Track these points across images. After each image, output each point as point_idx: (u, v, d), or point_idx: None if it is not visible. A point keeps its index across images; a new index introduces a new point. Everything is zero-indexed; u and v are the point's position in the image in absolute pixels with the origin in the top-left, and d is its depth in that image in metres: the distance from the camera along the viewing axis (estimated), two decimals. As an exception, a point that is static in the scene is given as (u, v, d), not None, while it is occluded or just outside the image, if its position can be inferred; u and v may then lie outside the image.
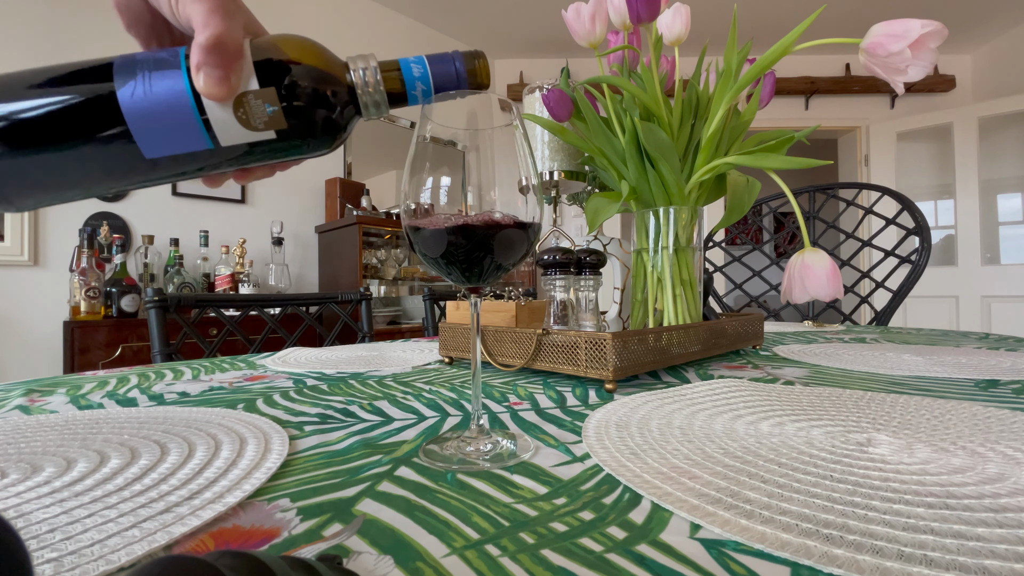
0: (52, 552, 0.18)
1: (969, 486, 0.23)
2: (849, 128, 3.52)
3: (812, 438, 0.31)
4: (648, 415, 0.37)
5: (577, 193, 0.81)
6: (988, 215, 3.14)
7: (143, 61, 0.25)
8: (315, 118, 0.28)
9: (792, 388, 0.46)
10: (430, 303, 1.32)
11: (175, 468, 0.27)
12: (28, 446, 0.32)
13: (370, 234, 2.47)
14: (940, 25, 0.44)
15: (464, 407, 0.42)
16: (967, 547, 0.18)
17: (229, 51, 0.25)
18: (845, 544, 0.18)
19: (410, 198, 0.29)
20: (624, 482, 0.25)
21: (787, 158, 0.53)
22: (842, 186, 1.49)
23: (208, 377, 0.58)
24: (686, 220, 0.62)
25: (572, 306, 0.57)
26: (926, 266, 1.28)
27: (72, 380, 0.57)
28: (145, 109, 0.24)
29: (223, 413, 0.39)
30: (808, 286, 0.50)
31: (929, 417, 0.35)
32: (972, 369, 0.55)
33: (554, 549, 0.19)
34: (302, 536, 0.20)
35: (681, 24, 0.62)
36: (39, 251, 1.81)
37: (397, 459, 0.29)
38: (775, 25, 3.11)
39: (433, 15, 3.02)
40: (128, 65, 0.24)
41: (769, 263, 1.52)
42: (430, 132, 0.29)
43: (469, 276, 0.30)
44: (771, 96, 0.66)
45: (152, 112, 0.25)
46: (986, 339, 0.85)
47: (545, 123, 0.68)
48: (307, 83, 0.27)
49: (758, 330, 0.73)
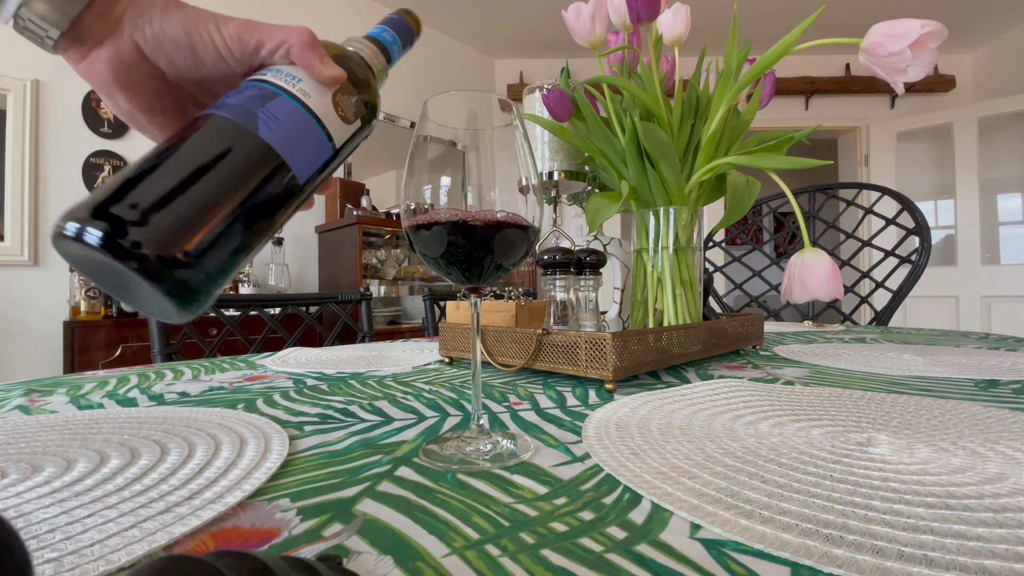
0: (52, 552, 0.18)
1: (969, 486, 0.23)
2: (849, 128, 3.52)
3: (812, 438, 0.31)
4: (648, 415, 0.37)
5: (577, 193, 0.81)
6: (988, 215, 3.14)
7: (241, 104, 0.25)
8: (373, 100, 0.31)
9: (792, 388, 0.46)
10: (430, 303, 1.32)
11: (175, 468, 0.27)
12: (28, 446, 0.32)
13: (370, 234, 2.48)
14: (940, 25, 0.44)
15: (464, 407, 0.42)
16: (967, 547, 0.18)
17: (319, 45, 0.28)
18: (845, 544, 0.18)
19: (410, 198, 0.29)
20: (624, 482, 0.25)
21: (787, 158, 0.53)
22: (842, 186, 1.49)
23: (208, 377, 0.58)
24: (686, 220, 0.62)
25: (572, 306, 0.57)
26: (926, 266, 1.28)
27: (72, 380, 0.57)
28: (285, 137, 0.26)
29: (223, 413, 0.39)
30: (808, 286, 0.50)
31: (929, 417, 0.35)
32: (972, 369, 0.55)
33: (554, 549, 0.19)
34: (302, 536, 0.20)
35: (681, 24, 0.62)
36: (39, 251, 1.81)
37: (397, 459, 0.29)
38: (775, 25, 3.11)
39: (433, 15, 3.02)
40: (237, 111, 0.25)
41: (769, 263, 1.52)
42: (430, 132, 0.29)
43: (469, 276, 0.30)
44: (771, 96, 0.66)
45: (290, 136, 0.26)
46: (986, 339, 0.85)
47: (545, 123, 0.68)
48: (357, 70, 0.31)
49: (758, 330, 0.73)
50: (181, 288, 0.21)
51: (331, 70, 0.28)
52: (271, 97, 0.26)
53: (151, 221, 0.21)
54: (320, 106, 0.27)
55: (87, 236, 0.20)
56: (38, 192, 1.81)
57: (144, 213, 0.21)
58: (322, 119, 0.27)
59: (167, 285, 0.21)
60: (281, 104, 0.26)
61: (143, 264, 0.20)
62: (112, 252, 0.20)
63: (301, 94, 0.27)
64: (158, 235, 0.21)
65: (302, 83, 0.27)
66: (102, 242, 0.20)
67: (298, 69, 0.28)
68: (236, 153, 0.24)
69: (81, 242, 0.20)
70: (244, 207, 0.24)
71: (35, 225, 1.80)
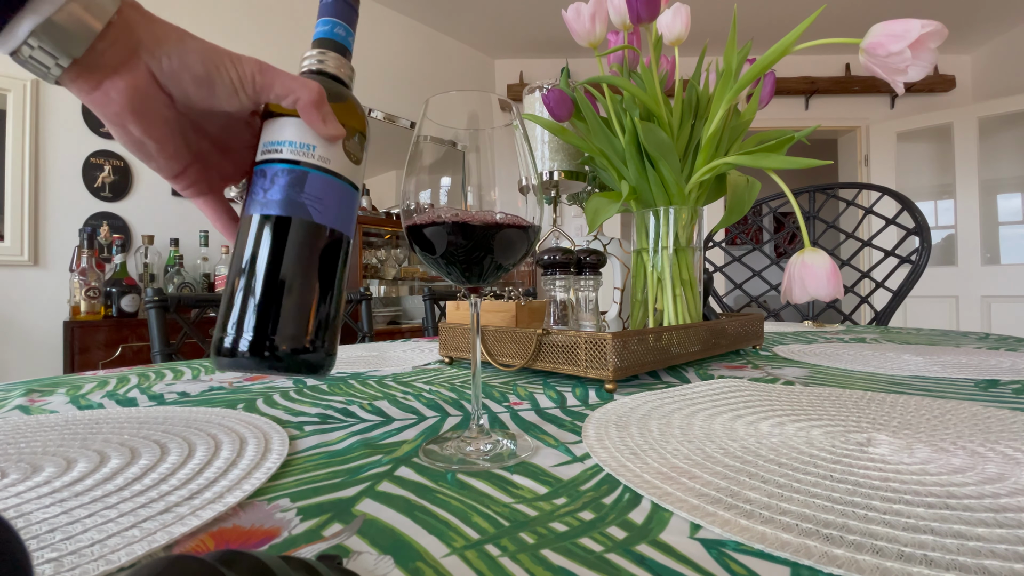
0: (52, 552, 0.18)
1: (969, 486, 0.23)
2: (849, 128, 3.52)
3: (812, 438, 0.31)
4: (648, 415, 0.37)
5: (577, 193, 0.81)
6: (988, 215, 3.14)
7: (285, 198, 0.28)
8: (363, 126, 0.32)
9: (792, 388, 0.46)
10: (430, 303, 1.32)
11: (175, 468, 0.27)
12: (28, 446, 0.32)
13: (370, 234, 2.48)
14: (940, 25, 0.44)
15: (464, 407, 0.42)
16: (967, 547, 0.18)
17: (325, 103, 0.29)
18: (845, 544, 0.18)
19: (410, 198, 0.29)
20: (624, 482, 0.25)
21: (787, 158, 0.53)
22: (842, 186, 1.49)
23: (208, 377, 0.58)
24: (686, 220, 0.62)
25: (572, 306, 0.57)
26: (926, 266, 1.28)
27: (72, 380, 0.57)
28: (332, 211, 0.29)
29: (223, 413, 0.39)
30: (808, 286, 0.50)
31: (929, 417, 0.35)
32: (972, 369, 0.55)
33: (554, 549, 0.19)
34: (302, 536, 0.20)
35: (681, 24, 0.62)
36: (39, 251, 1.81)
37: (397, 459, 0.29)
38: (775, 25, 3.11)
39: (433, 15, 3.02)
40: (287, 206, 0.28)
41: (769, 263, 1.52)
42: (430, 132, 0.29)
43: (469, 276, 0.30)
44: (771, 96, 0.66)
45: (335, 207, 0.29)
46: (986, 339, 0.85)
47: (545, 123, 0.68)
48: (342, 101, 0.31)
49: (758, 330, 0.73)
50: (311, 366, 0.29)
51: (335, 128, 0.29)
52: (304, 178, 0.28)
53: (276, 338, 0.27)
54: (339, 164, 0.30)
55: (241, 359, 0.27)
56: (38, 192, 1.81)
57: (270, 334, 0.27)
58: (346, 176, 0.30)
59: (304, 369, 0.28)
60: (315, 181, 0.29)
61: (286, 367, 0.28)
62: (263, 365, 0.27)
63: (323, 162, 0.29)
64: (285, 342, 0.27)
65: (318, 150, 0.29)
66: (253, 359, 0.27)
67: (307, 134, 0.29)
68: (305, 246, 0.28)
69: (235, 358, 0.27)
70: (325, 283, 0.29)
71: (35, 225, 1.80)
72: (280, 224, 0.28)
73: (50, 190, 1.84)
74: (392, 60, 2.91)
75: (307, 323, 0.28)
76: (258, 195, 0.28)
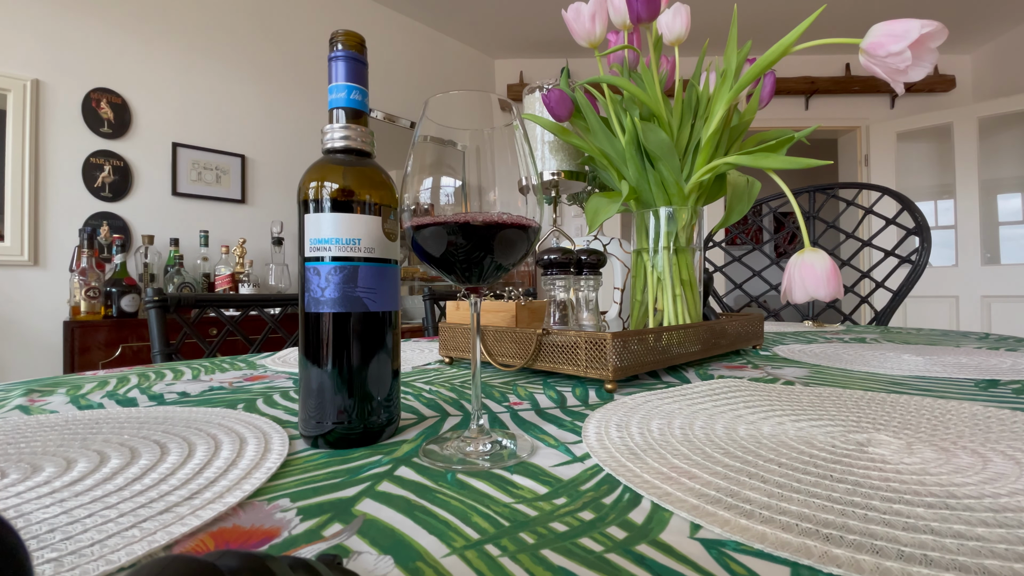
0: (52, 552, 0.18)
1: (969, 486, 0.23)
2: (849, 128, 3.52)
3: (812, 438, 0.31)
4: (648, 415, 0.37)
5: (577, 193, 0.81)
6: (988, 215, 3.13)
7: (343, 295, 0.31)
8: (393, 199, 0.33)
9: (792, 388, 0.46)
10: (430, 303, 1.32)
11: (175, 468, 0.27)
12: (28, 446, 0.32)
13: (370, 234, 2.47)
14: (940, 25, 0.44)
15: (464, 407, 0.42)
16: (967, 547, 0.18)
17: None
18: (845, 544, 0.18)
19: (410, 198, 0.29)
20: (624, 482, 0.25)
21: (787, 158, 0.53)
22: (842, 186, 1.49)
23: (208, 377, 0.58)
24: (686, 220, 0.62)
25: (572, 306, 0.57)
26: (926, 266, 1.28)
27: (72, 380, 0.57)
28: (381, 295, 0.32)
29: (223, 413, 0.39)
30: (808, 286, 0.50)
31: (929, 417, 0.35)
32: (972, 369, 0.55)
33: (554, 549, 0.19)
34: (302, 536, 0.20)
35: (681, 24, 0.62)
36: (39, 251, 1.81)
37: (397, 459, 0.29)
38: (775, 25, 3.11)
39: (433, 15, 3.02)
40: (345, 303, 0.31)
41: (769, 263, 1.52)
42: (430, 132, 0.29)
43: (469, 276, 0.30)
44: (771, 96, 0.66)
45: (384, 292, 0.32)
46: (986, 339, 0.85)
47: (545, 123, 0.68)
48: (374, 178, 0.33)
49: (758, 330, 0.73)
50: (390, 424, 0.33)
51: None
52: (355, 273, 0.31)
53: (373, 419, 0.32)
54: (382, 247, 0.32)
55: (349, 442, 0.32)
56: (38, 192, 1.81)
57: (350, 418, 0.31)
58: (388, 258, 0.32)
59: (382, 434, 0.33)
60: (365, 273, 0.31)
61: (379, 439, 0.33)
62: (366, 444, 0.32)
63: (368, 252, 0.31)
64: (381, 421, 0.32)
65: (363, 241, 0.31)
66: (363, 443, 0.32)
67: (351, 227, 0.31)
68: (366, 337, 0.31)
69: (343, 448, 0.31)
70: (383, 365, 0.32)
71: (35, 225, 1.80)
72: (349, 320, 0.31)
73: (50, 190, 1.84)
74: (392, 60, 2.92)
75: (387, 393, 0.33)
76: (316, 293, 0.31)
